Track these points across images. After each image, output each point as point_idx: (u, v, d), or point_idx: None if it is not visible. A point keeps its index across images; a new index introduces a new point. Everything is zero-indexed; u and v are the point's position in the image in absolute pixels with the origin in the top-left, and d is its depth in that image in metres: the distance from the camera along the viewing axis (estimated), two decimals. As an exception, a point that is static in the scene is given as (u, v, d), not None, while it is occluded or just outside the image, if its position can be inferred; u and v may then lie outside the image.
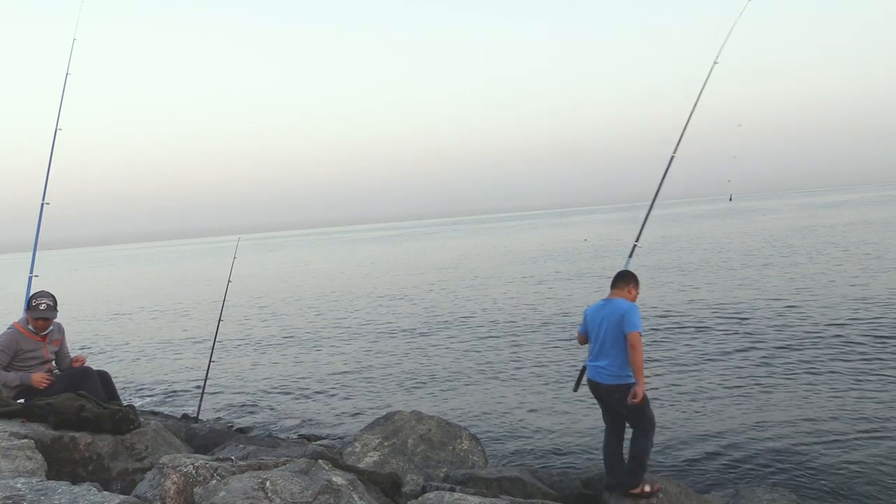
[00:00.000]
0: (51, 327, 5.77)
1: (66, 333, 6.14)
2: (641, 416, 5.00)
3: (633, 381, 4.85)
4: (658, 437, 7.91)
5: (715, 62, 6.56)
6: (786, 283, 19.11)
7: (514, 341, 14.42)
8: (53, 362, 5.96)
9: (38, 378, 5.45)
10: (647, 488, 5.02)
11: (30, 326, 5.68)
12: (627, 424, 5.18)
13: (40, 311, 5.59)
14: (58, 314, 5.79)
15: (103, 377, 5.90)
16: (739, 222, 60.46)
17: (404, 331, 17.03)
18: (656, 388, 9.89)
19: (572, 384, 5.72)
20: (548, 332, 15.06)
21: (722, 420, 8.32)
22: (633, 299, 5.12)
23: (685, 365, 11.14)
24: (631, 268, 5.55)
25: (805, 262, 24.15)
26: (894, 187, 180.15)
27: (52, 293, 5.78)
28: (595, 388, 5.12)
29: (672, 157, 6.35)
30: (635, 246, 6.23)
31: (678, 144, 6.36)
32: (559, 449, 7.95)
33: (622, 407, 4.96)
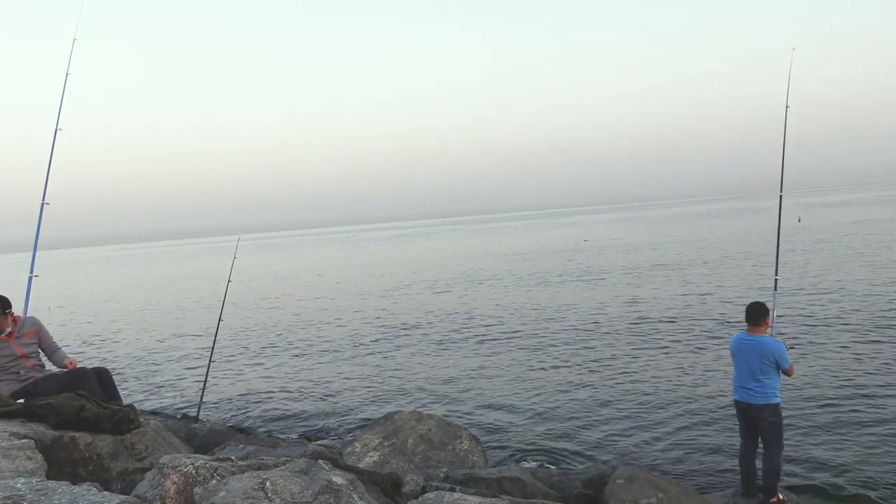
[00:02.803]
0: (8, 328, 5.67)
1: (46, 327, 5.99)
2: (777, 433, 5.72)
3: (777, 400, 5.73)
4: (659, 438, 7.95)
5: (787, 106, 7.20)
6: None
7: (513, 341, 14.42)
8: (41, 356, 5.90)
9: None
10: (782, 496, 5.72)
11: None
12: (761, 440, 5.86)
13: None
14: (8, 314, 5.61)
15: (103, 374, 5.84)
16: (742, 223, 60.43)
17: (404, 331, 17.03)
18: (656, 389, 9.89)
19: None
20: (547, 333, 15.05)
21: (723, 420, 8.31)
22: (767, 329, 5.88)
23: (684, 365, 11.13)
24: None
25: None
26: (894, 187, 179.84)
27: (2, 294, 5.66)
28: (745, 407, 5.82)
29: (780, 196, 7.37)
30: (776, 280, 7.08)
31: (781, 185, 7.37)
32: (559, 449, 7.95)
33: (766, 423, 5.70)
